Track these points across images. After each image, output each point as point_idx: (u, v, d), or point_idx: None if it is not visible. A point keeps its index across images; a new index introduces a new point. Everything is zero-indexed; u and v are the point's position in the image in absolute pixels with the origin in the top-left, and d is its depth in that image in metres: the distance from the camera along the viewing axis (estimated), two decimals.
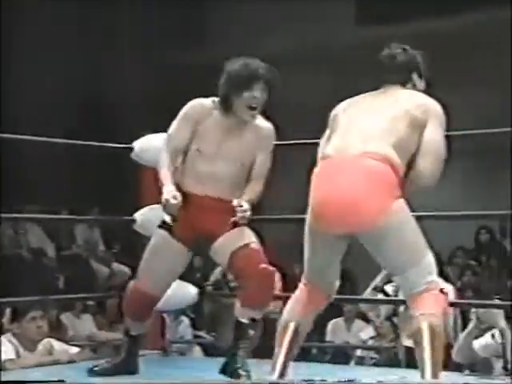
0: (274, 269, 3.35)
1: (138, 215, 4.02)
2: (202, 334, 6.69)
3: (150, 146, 4.02)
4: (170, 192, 3.29)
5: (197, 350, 6.16)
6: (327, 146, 2.97)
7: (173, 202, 3.26)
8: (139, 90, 9.30)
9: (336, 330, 6.56)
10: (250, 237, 3.38)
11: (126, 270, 7.56)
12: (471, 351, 3.80)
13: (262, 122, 3.45)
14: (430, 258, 2.87)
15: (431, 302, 2.81)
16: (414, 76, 3.04)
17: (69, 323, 6.19)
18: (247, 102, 3.33)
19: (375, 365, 5.18)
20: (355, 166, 2.84)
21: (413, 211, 2.92)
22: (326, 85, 9.04)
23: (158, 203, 4.02)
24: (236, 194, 3.35)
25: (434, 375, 2.71)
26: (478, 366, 4.08)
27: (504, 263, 7.92)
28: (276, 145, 3.50)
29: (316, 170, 2.96)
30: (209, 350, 6.17)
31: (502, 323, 3.73)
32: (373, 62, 3.12)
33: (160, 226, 3.45)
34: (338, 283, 3.07)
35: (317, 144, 4.12)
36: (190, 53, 9.49)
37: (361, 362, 5.50)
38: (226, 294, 4.86)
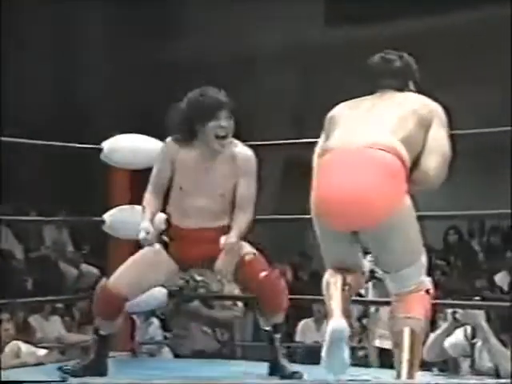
0: (277, 270, 3.49)
1: (107, 216, 4.00)
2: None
3: (119, 146, 4.00)
4: (143, 229, 3.39)
5: (166, 351, 6.13)
6: (327, 142, 2.87)
7: (147, 237, 3.37)
8: (109, 90, 9.24)
9: (305, 331, 6.57)
10: (245, 247, 3.46)
11: (95, 271, 7.52)
12: (442, 350, 3.81)
13: (238, 148, 3.44)
14: (424, 258, 2.86)
15: (416, 303, 2.79)
16: (411, 83, 3.00)
17: (37, 325, 6.14)
18: (214, 132, 3.35)
19: None
20: (363, 158, 2.74)
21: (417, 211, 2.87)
22: (296, 84, 9.06)
23: (127, 204, 4.04)
24: (223, 220, 3.44)
25: (410, 377, 2.70)
26: (446, 364, 4.10)
27: (472, 263, 7.99)
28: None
29: (317, 164, 2.86)
30: (179, 352, 6.15)
31: (484, 324, 3.73)
32: (344, 62, 3.09)
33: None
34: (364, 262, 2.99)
35: (285, 144, 4.06)
36: (161, 52, 9.46)
37: None
38: (188, 297, 4.85)
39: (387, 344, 4.63)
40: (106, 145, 4.03)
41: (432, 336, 3.81)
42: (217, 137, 3.35)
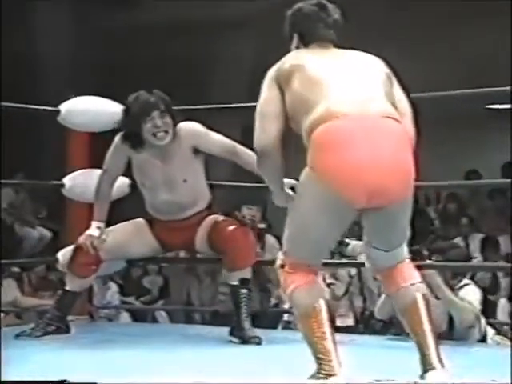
0: (245, 227, 3.59)
1: (67, 180, 3.94)
2: (130, 300, 6.68)
3: (77, 108, 3.93)
4: (86, 237, 3.58)
5: (124, 316, 6.15)
6: (319, 106, 2.48)
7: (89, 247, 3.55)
8: (68, 52, 9.11)
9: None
10: (215, 215, 3.62)
11: (47, 233, 7.49)
12: (393, 308, 3.82)
13: (182, 129, 3.53)
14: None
15: (411, 270, 2.66)
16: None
17: None
18: (152, 132, 3.48)
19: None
20: (383, 128, 2.48)
21: None
22: (255, 51, 9.01)
23: (86, 167, 4.00)
24: (195, 207, 3.60)
25: (438, 350, 2.53)
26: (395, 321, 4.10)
27: (427, 230, 8.09)
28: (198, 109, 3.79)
29: (326, 130, 2.46)
30: (137, 316, 6.18)
31: (439, 281, 3.75)
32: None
33: (143, 216, 3.69)
34: None
35: (243, 108, 4.04)
36: (117, 15, 9.34)
37: (288, 326, 5.57)
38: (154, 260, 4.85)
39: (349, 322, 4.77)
40: (64, 107, 3.95)
41: (383, 295, 3.84)
42: (155, 135, 3.48)
